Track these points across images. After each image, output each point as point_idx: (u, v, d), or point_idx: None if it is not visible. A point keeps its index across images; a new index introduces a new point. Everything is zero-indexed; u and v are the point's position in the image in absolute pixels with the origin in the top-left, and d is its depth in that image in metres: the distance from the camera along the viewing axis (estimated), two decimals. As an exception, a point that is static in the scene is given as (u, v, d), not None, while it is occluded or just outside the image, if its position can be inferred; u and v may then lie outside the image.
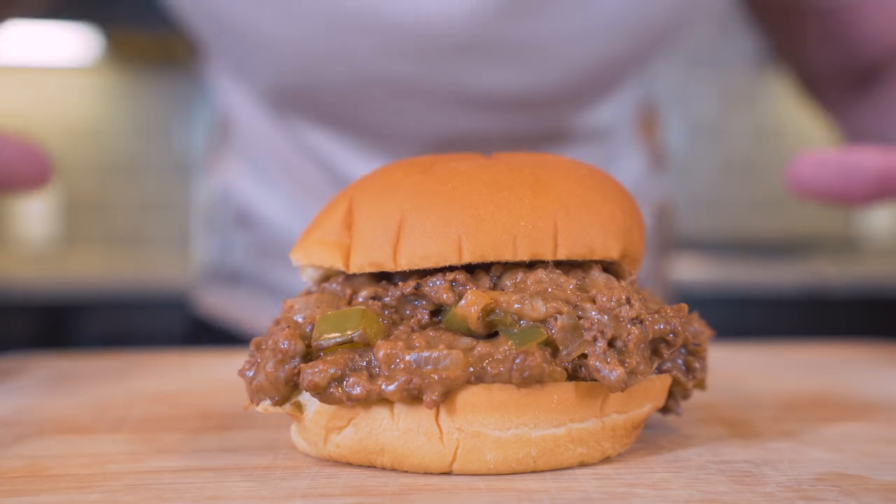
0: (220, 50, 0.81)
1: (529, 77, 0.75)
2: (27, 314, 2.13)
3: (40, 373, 0.63)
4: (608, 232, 0.39)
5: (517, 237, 0.37)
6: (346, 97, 0.77)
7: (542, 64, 0.74)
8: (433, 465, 0.37)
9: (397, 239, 0.38)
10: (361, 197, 0.40)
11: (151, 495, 0.34)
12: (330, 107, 0.79)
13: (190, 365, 0.67)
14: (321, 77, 0.76)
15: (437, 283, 0.38)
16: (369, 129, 0.80)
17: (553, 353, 0.37)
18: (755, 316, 2.17)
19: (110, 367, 0.66)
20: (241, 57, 0.79)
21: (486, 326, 0.36)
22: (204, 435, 0.44)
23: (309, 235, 0.42)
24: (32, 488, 0.36)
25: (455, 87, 0.74)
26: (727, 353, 0.68)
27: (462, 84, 0.74)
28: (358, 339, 0.37)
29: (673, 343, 0.39)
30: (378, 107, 0.77)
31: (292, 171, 0.86)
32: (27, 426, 0.47)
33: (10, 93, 2.68)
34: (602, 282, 0.39)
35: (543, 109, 0.80)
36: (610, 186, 0.42)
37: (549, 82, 0.76)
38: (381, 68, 0.73)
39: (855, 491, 0.34)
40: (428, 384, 0.35)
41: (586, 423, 0.38)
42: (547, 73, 0.75)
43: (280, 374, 0.37)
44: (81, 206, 2.71)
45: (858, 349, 0.69)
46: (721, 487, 0.35)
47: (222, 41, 0.79)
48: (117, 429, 0.46)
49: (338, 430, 0.38)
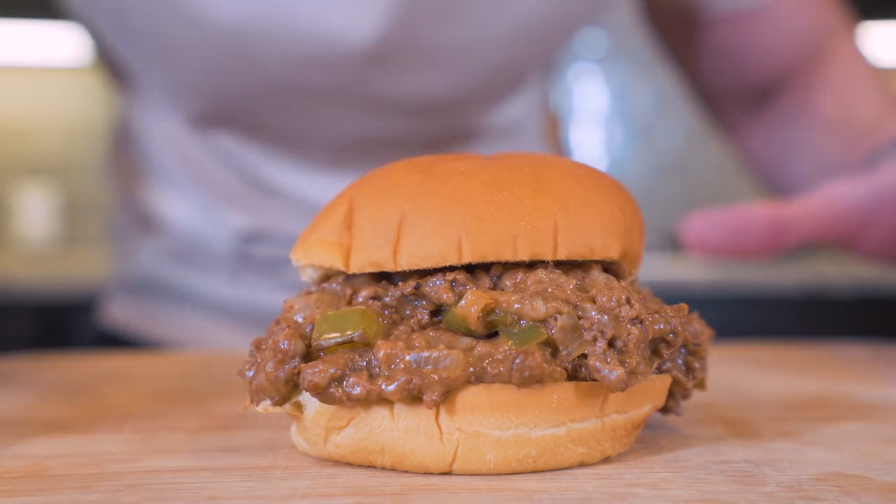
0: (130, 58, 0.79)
1: (442, 82, 0.76)
2: (27, 314, 2.13)
3: (40, 373, 0.63)
4: (608, 232, 0.39)
5: (517, 237, 0.37)
6: (257, 104, 0.76)
7: (454, 69, 0.75)
8: (433, 465, 0.37)
9: (397, 239, 0.38)
10: (361, 197, 0.40)
11: (151, 495, 0.34)
12: (241, 112, 0.78)
13: (190, 365, 0.67)
14: (231, 84, 0.75)
15: (437, 283, 0.38)
16: (280, 133, 0.80)
17: (553, 353, 0.37)
18: (755, 316, 2.17)
19: (110, 367, 0.66)
20: (151, 63, 0.77)
21: (486, 326, 0.36)
22: (204, 435, 0.44)
23: (309, 235, 0.42)
24: (32, 488, 0.36)
25: (367, 93, 0.75)
26: (727, 353, 0.68)
27: (374, 91, 0.74)
28: (358, 339, 0.37)
29: (673, 343, 0.39)
30: (290, 113, 0.77)
31: (202, 175, 0.83)
32: (27, 426, 0.47)
33: (10, 93, 2.68)
34: (602, 282, 0.39)
35: (456, 111, 0.81)
36: (610, 186, 0.42)
37: (461, 85, 0.77)
38: (291, 77, 0.73)
39: (855, 491, 0.34)
40: (428, 384, 0.35)
41: (586, 423, 0.38)
42: (458, 77, 0.76)
43: (280, 374, 0.37)
44: (81, 206, 2.71)
45: (858, 349, 0.69)
46: (721, 487, 0.35)
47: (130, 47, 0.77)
48: (117, 429, 0.46)
49: (338, 430, 0.38)
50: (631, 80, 2.91)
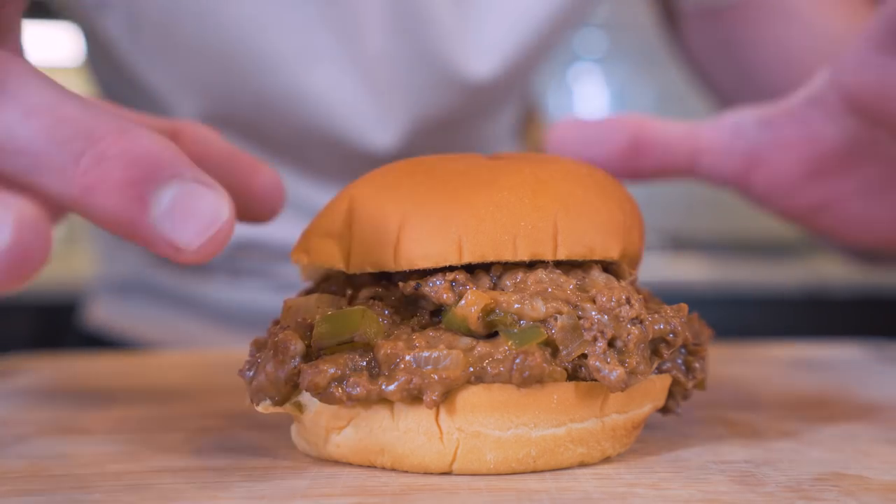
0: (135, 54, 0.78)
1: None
2: (26, 314, 2.12)
3: (40, 373, 0.63)
4: (608, 232, 0.39)
5: (517, 237, 0.37)
6: (262, 108, 0.77)
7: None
8: (433, 465, 0.37)
9: (397, 239, 0.38)
10: (362, 196, 0.40)
11: (151, 495, 0.34)
12: (245, 116, 0.79)
13: (190, 365, 0.67)
14: (236, 85, 0.75)
15: (437, 283, 0.38)
16: (282, 139, 0.80)
17: (553, 353, 0.37)
18: (755, 316, 2.17)
19: (110, 367, 0.66)
20: (156, 60, 0.77)
21: (486, 326, 0.36)
22: (204, 435, 0.44)
23: (309, 235, 0.42)
24: (32, 488, 0.36)
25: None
26: (727, 353, 0.68)
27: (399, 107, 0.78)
28: (358, 339, 0.37)
29: (673, 343, 0.39)
30: (296, 118, 0.78)
31: None
32: (27, 426, 0.47)
33: (10, 93, 2.68)
34: (602, 282, 0.39)
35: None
36: (610, 186, 0.42)
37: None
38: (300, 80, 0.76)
39: (855, 491, 0.34)
40: (428, 384, 0.35)
41: (586, 423, 0.38)
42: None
43: (280, 374, 0.37)
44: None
45: (858, 349, 0.69)
46: (721, 487, 0.35)
47: (136, 43, 0.77)
48: (117, 429, 0.46)
49: (338, 430, 0.38)
50: (631, 80, 2.91)
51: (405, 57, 0.76)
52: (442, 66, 0.77)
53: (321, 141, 0.78)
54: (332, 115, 0.76)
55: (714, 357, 0.60)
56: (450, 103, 0.79)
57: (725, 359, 0.64)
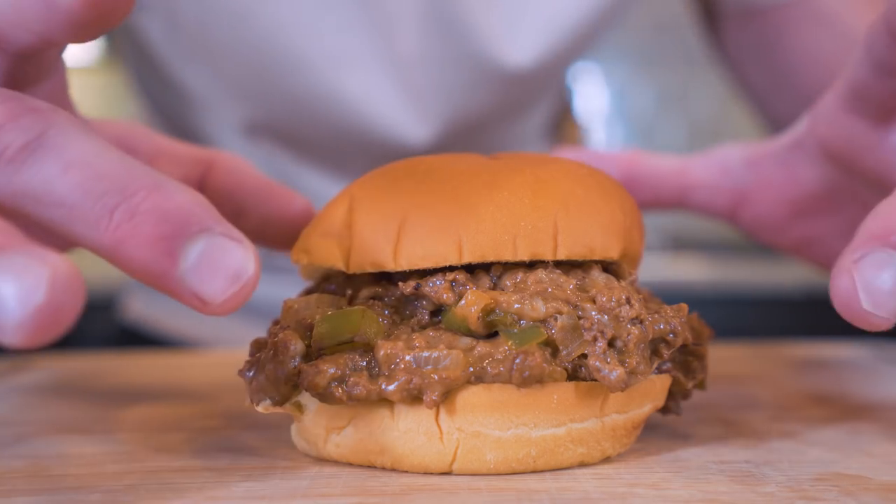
0: (172, 57, 0.79)
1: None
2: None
3: (40, 373, 0.63)
4: (608, 232, 0.39)
5: (517, 237, 0.37)
6: (297, 112, 0.77)
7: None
8: (433, 465, 0.37)
9: (397, 239, 0.38)
10: (362, 196, 0.40)
11: (151, 495, 0.34)
12: (282, 119, 0.79)
13: (190, 365, 0.67)
14: (272, 88, 0.76)
15: (437, 283, 0.38)
16: (315, 142, 0.80)
17: (553, 353, 0.37)
18: (755, 316, 2.17)
19: (110, 367, 0.66)
20: (193, 63, 0.77)
21: (486, 326, 0.36)
22: (204, 435, 0.44)
23: (309, 235, 0.42)
24: (32, 488, 0.36)
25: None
26: (727, 353, 0.68)
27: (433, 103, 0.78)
28: (358, 339, 0.37)
29: (673, 343, 0.39)
30: (329, 122, 0.78)
31: None
32: (27, 426, 0.47)
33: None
34: (602, 282, 0.39)
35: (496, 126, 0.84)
36: (610, 186, 0.42)
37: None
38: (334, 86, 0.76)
39: (855, 491, 0.34)
40: (428, 384, 0.35)
41: (586, 423, 0.38)
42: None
43: (280, 374, 0.37)
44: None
45: (858, 349, 0.69)
46: (721, 487, 0.35)
47: (173, 44, 0.77)
48: (117, 429, 0.46)
49: (338, 430, 0.38)
50: (631, 80, 2.91)
51: (440, 56, 0.76)
52: (478, 61, 0.76)
53: (358, 143, 0.78)
54: (369, 117, 0.76)
55: (714, 357, 0.60)
56: (487, 99, 0.79)
57: (725, 359, 0.64)
